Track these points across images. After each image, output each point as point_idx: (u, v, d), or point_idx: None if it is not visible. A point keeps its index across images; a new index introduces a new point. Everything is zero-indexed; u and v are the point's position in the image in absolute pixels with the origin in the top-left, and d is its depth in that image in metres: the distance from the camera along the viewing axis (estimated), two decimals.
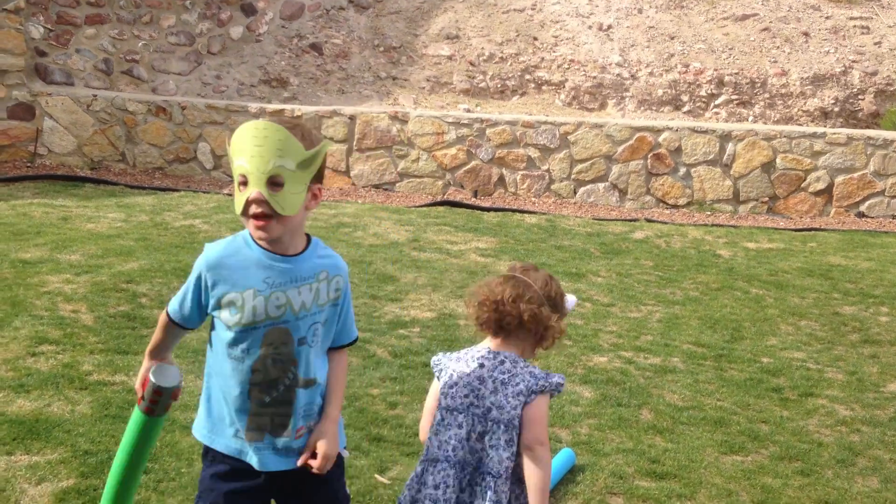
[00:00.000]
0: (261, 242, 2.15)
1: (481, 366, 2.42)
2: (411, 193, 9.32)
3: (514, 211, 8.74)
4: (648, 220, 8.71)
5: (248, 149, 2.06)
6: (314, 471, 2.20)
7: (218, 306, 2.16)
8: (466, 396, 2.41)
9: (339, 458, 2.27)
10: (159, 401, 2.23)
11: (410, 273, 6.27)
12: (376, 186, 9.37)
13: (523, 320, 2.39)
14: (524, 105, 10.39)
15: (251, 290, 2.13)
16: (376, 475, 3.43)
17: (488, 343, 2.48)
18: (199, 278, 2.19)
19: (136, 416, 2.29)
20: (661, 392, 4.48)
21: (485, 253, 7.01)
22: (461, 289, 5.99)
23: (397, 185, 9.38)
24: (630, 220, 8.68)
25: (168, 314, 2.28)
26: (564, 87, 10.56)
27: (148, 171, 9.24)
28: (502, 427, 2.35)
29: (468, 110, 9.93)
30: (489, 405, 2.38)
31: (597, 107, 10.42)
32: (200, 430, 2.26)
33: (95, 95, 9.11)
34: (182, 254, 6.18)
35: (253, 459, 2.20)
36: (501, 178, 9.40)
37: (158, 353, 2.33)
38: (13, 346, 4.35)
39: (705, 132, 9.34)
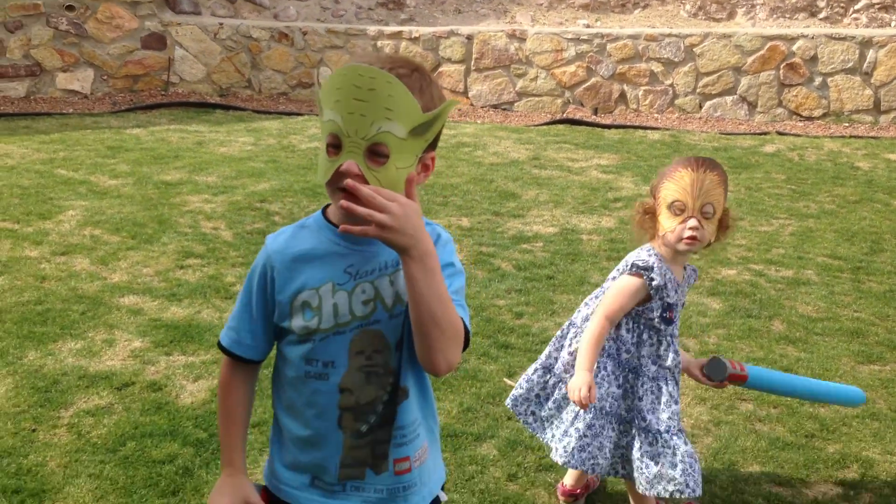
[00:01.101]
0: (343, 222, 1.53)
1: None
2: (530, 112, 9.23)
3: (635, 128, 8.54)
4: (780, 133, 8.36)
5: (346, 102, 1.47)
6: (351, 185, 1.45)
7: (288, 313, 1.62)
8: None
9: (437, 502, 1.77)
10: None
11: (532, 190, 6.27)
12: (494, 106, 9.33)
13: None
14: (646, 18, 10.02)
15: (329, 283, 1.59)
16: (505, 379, 3.53)
17: None
18: (262, 278, 1.64)
19: None
20: (793, 304, 4.38)
21: (606, 170, 6.93)
22: (583, 205, 5.96)
23: (515, 104, 9.31)
24: (760, 134, 8.35)
25: (223, 348, 1.70)
26: None
27: (273, 96, 9.50)
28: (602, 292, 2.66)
29: (588, 26, 9.68)
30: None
31: (725, 17, 9.94)
32: (271, 482, 1.74)
33: (221, 24, 9.38)
34: (309, 175, 6.39)
35: None
36: (622, 95, 9.17)
37: (234, 447, 1.71)
38: (163, 259, 4.66)
39: (843, 39, 8.79)
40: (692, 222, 2.48)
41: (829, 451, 3.11)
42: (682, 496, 2.49)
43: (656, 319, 2.54)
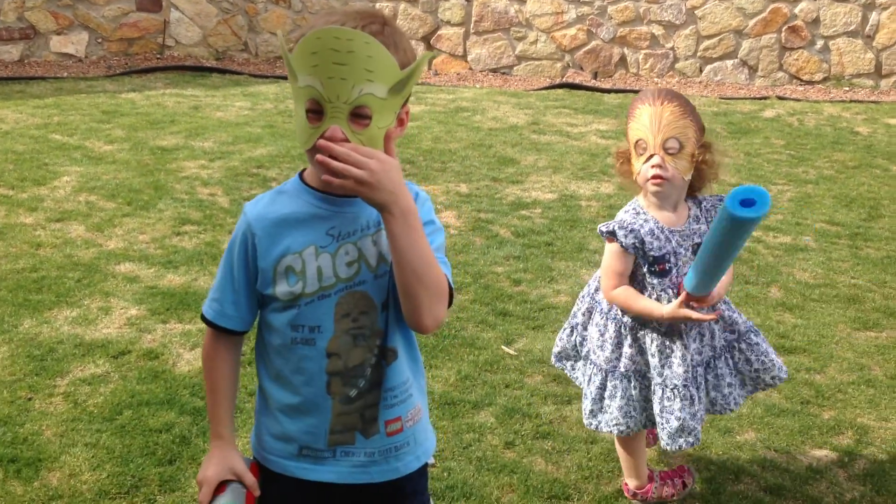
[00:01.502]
0: (325, 187, 1.55)
1: None
2: (529, 77, 9.15)
3: (635, 92, 8.46)
4: (780, 98, 8.30)
5: (325, 67, 1.45)
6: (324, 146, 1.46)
7: (272, 280, 1.60)
8: None
9: (424, 468, 1.76)
10: None
11: (531, 155, 6.23)
12: (494, 70, 9.24)
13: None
14: None
15: (312, 247, 1.58)
16: (503, 346, 3.54)
17: None
18: (243, 246, 1.62)
19: None
20: (791, 270, 4.37)
21: (605, 135, 6.88)
22: (582, 170, 5.93)
23: (515, 68, 9.22)
24: (760, 99, 8.29)
25: (206, 320, 1.68)
26: None
27: (269, 60, 9.41)
28: None
29: None
30: None
31: None
32: (259, 453, 1.74)
33: None
34: None
35: (328, 473, 1.66)
36: (623, 59, 9.08)
37: (221, 420, 1.70)
38: (159, 226, 4.64)
39: (847, 1, 8.67)
40: (654, 160, 2.37)
41: (824, 417, 3.12)
42: (696, 447, 2.48)
43: (647, 275, 2.46)
